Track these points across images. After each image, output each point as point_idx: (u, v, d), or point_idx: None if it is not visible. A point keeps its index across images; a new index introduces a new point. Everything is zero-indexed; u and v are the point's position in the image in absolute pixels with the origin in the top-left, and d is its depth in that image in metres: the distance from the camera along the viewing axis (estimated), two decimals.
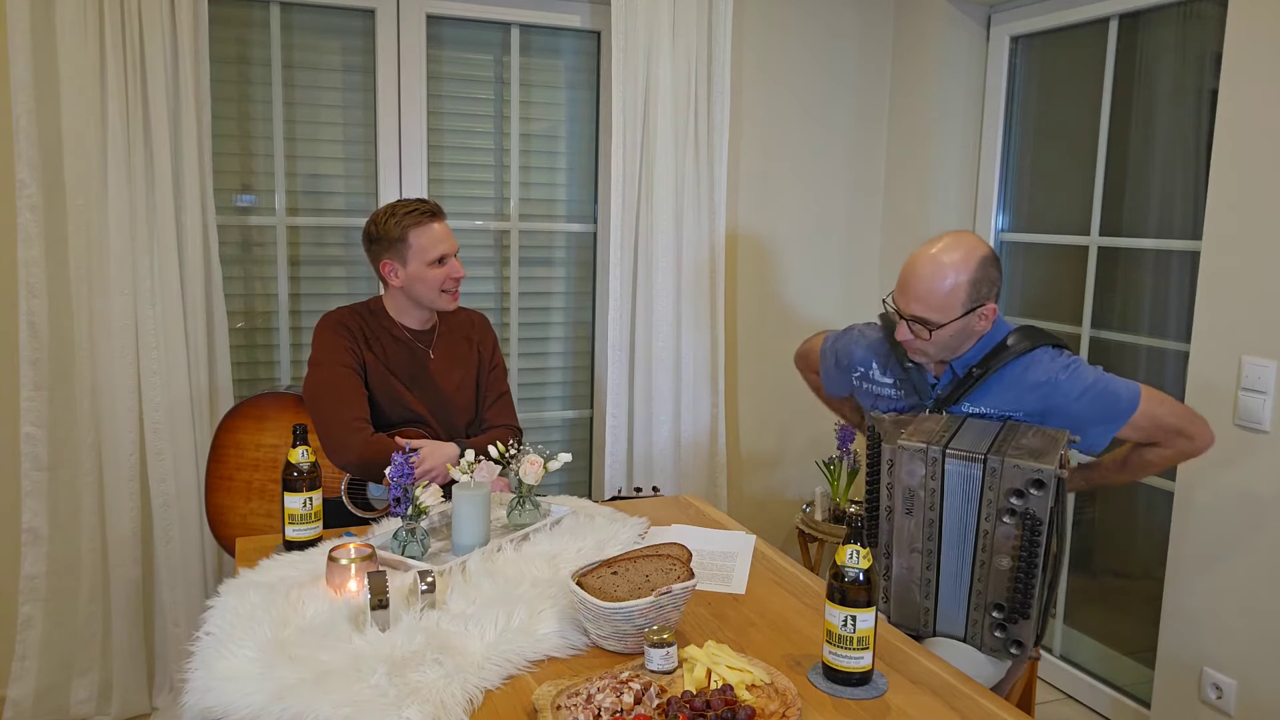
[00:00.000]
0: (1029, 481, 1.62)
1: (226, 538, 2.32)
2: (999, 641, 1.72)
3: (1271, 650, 2.25)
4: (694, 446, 3.12)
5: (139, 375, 2.54)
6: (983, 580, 1.70)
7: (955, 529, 1.70)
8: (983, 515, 1.67)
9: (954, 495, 1.69)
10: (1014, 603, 1.68)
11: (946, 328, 1.81)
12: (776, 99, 3.27)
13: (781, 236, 3.35)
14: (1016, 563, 1.66)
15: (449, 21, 2.98)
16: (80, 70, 2.40)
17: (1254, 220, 2.24)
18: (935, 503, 1.70)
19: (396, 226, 2.15)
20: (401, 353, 2.24)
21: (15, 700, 2.54)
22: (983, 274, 1.81)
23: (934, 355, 1.88)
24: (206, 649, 1.40)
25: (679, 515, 2.14)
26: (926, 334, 1.82)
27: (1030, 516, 1.63)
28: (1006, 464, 1.63)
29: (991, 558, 1.68)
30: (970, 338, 1.88)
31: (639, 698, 1.27)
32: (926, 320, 1.81)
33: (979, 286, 1.81)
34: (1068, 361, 1.86)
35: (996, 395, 1.87)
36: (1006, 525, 1.65)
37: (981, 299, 1.82)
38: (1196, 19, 2.58)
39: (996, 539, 1.67)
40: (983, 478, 1.65)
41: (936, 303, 1.79)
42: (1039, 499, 1.62)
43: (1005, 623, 1.70)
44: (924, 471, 1.70)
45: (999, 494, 1.65)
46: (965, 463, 1.66)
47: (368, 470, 2.08)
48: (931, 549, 1.73)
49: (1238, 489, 2.30)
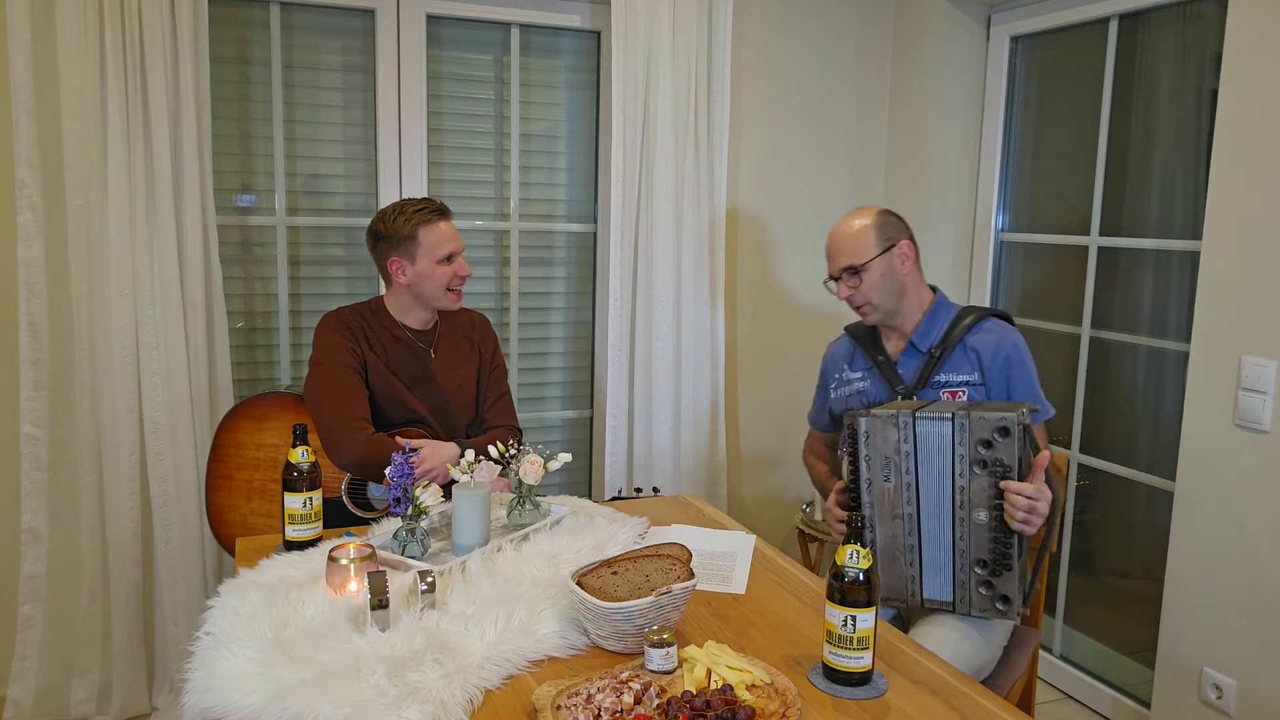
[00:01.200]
0: (995, 430, 1.71)
1: (227, 537, 2.32)
2: (986, 600, 1.77)
3: (1271, 650, 2.25)
4: (694, 446, 3.12)
5: (139, 375, 2.54)
6: (964, 538, 1.76)
7: (932, 489, 1.78)
8: (956, 471, 1.75)
9: (928, 455, 1.78)
10: (996, 554, 1.75)
11: (871, 268, 2.02)
12: (776, 99, 3.27)
13: (782, 236, 3.35)
14: (993, 515, 1.73)
15: (449, 21, 2.98)
16: (80, 70, 2.40)
17: (1254, 220, 2.24)
18: (910, 466, 1.79)
19: (406, 224, 2.15)
20: (403, 352, 2.24)
21: (15, 700, 2.55)
22: (885, 219, 2.06)
23: (878, 305, 2.05)
24: (206, 649, 1.40)
25: (679, 515, 2.14)
26: (857, 280, 2.03)
27: (1000, 464, 1.72)
28: (973, 416, 1.73)
29: (970, 514, 1.75)
30: (903, 289, 2.05)
31: (639, 698, 1.27)
32: (852, 265, 2.03)
33: (884, 229, 2.04)
34: (1015, 336, 2.01)
35: (962, 363, 2.00)
36: (980, 477, 1.73)
37: (891, 238, 2.04)
38: (1196, 19, 2.58)
39: (972, 493, 1.75)
40: (952, 434, 1.74)
41: (852, 247, 2.03)
42: (1006, 445, 1.71)
43: (990, 578, 1.75)
44: (897, 436, 1.79)
45: (969, 448, 1.74)
46: (935, 421, 1.76)
47: (368, 470, 2.08)
48: (911, 513, 1.80)
49: (1238, 489, 2.30)
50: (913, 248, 2.06)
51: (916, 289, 2.07)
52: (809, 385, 3.44)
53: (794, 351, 3.42)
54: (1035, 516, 1.69)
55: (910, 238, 2.07)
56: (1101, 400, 2.90)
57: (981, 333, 2.01)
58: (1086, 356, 2.91)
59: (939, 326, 2.05)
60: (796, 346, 3.42)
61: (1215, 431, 2.35)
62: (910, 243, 2.06)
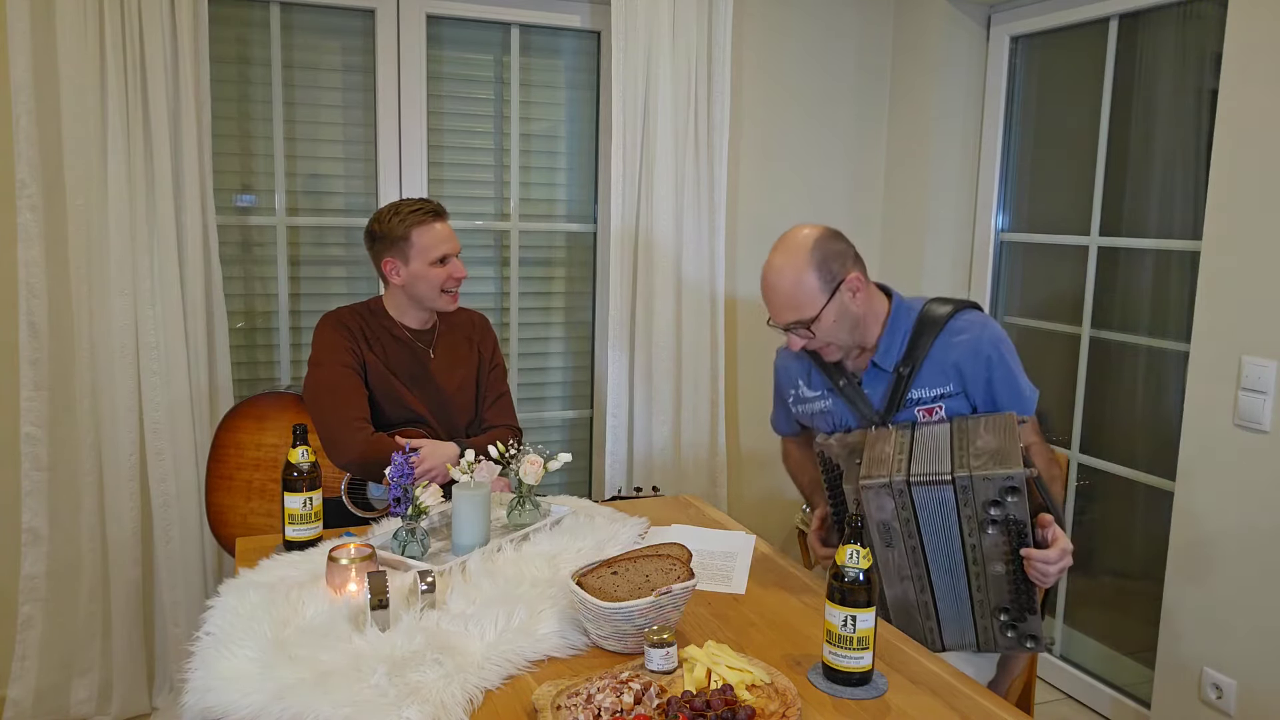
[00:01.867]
0: (1002, 490, 1.59)
1: (227, 537, 2.32)
2: (1012, 641, 1.71)
3: (1271, 650, 2.25)
4: (694, 446, 3.12)
5: (139, 375, 2.54)
6: (981, 590, 1.68)
7: (940, 550, 1.68)
8: (965, 531, 1.65)
9: (930, 520, 1.65)
10: (1018, 603, 1.68)
11: (821, 318, 1.80)
12: (776, 99, 3.27)
13: None
14: (1010, 565, 1.65)
15: (449, 21, 2.98)
16: (80, 70, 2.40)
17: (1254, 220, 2.24)
18: (913, 531, 1.67)
19: (400, 225, 2.15)
20: (402, 352, 2.24)
21: (15, 700, 2.54)
22: (821, 255, 1.80)
23: (841, 344, 1.86)
24: (206, 649, 1.40)
25: (679, 515, 2.14)
26: (810, 333, 1.82)
27: (1013, 521, 1.61)
28: (975, 478, 1.59)
29: (985, 567, 1.66)
30: (860, 319, 1.85)
31: (639, 698, 1.27)
32: (800, 320, 1.81)
33: (826, 266, 1.80)
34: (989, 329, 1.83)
35: (935, 377, 1.83)
36: (991, 535, 1.64)
37: (835, 276, 1.80)
38: (1196, 19, 2.58)
39: (985, 549, 1.65)
40: (955, 497, 1.62)
41: (796, 302, 1.80)
42: (1017, 504, 1.60)
43: (1014, 623, 1.69)
44: (893, 504, 1.66)
45: (976, 509, 1.62)
46: (932, 488, 1.63)
47: (368, 470, 2.08)
48: (920, 574, 1.70)
49: (1238, 489, 2.30)
50: (860, 276, 1.84)
51: (873, 310, 1.88)
52: None
53: None
54: (1065, 569, 1.65)
55: (854, 261, 1.85)
56: (1101, 400, 2.90)
57: (953, 336, 1.83)
58: (1086, 356, 2.91)
59: (900, 338, 1.87)
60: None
61: (1215, 431, 2.35)
62: (856, 272, 1.84)
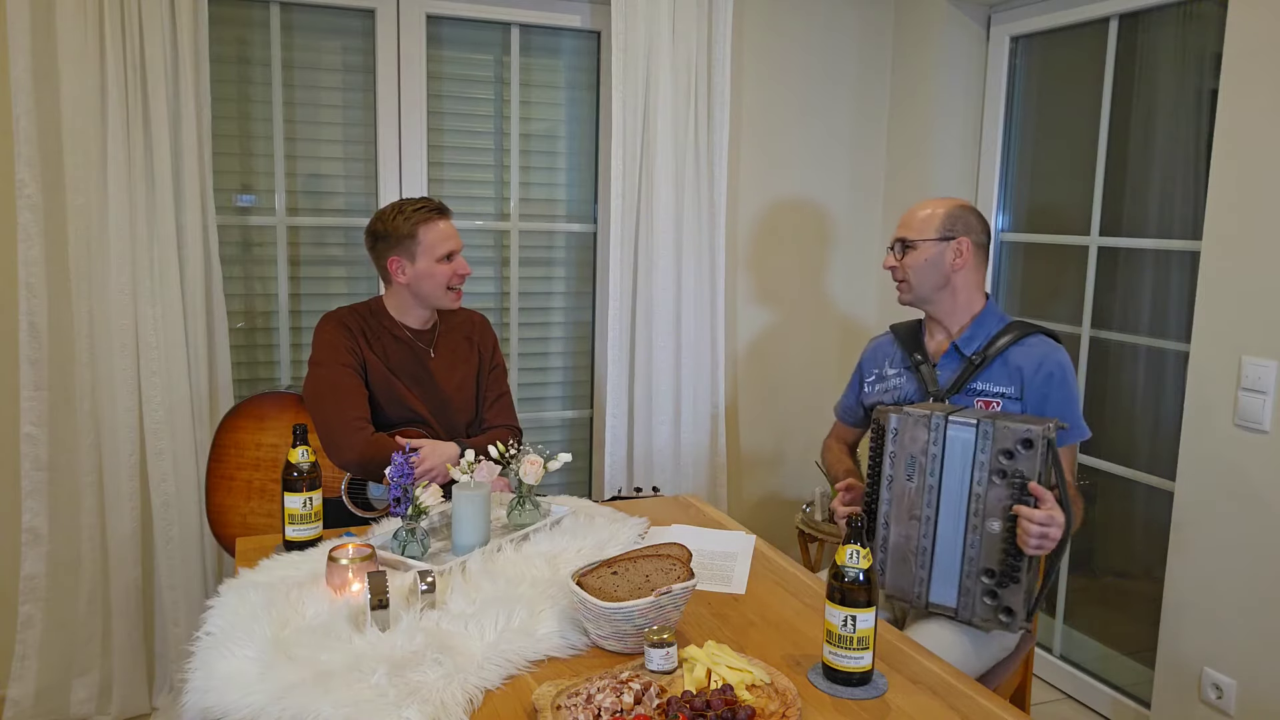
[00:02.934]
0: (1019, 441, 1.70)
1: (227, 537, 2.32)
2: (989, 610, 1.76)
3: (1271, 650, 2.25)
4: (694, 446, 3.12)
5: (139, 375, 2.54)
6: (974, 546, 1.76)
7: (953, 494, 1.78)
8: (974, 479, 1.75)
9: (953, 460, 1.77)
10: (1005, 566, 1.74)
11: (920, 248, 2.02)
12: (776, 99, 3.27)
13: (781, 236, 3.35)
14: (1005, 526, 1.72)
15: (449, 21, 2.98)
16: (80, 71, 2.39)
17: (1254, 220, 2.24)
18: (936, 469, 1.79)
19: (406, 223, 2.16)
20: (402, 352, 2.24)
21: (15, 700, 2.54)
22: (959, 213, 2.03)
23: (914, 286, 2.05)
24: (206, 649, 1.40)
25: (679, 515, 2.14)
26: (902, 253, 2.04)
27: (1019, 475, 1.71)
28: (998, 425, 1.73)
29: (983, 522, 1.74)
30: (948, 283, 2.03)
31: (639, 698, 1.27)
32: (905, 238, 2.04)
33: (953, 220, 2.02)
34: (1061, 355, 1.97)
35: (1001, 376, 1.98)
36: (997, 486, 1.73)
37: (955, 231, 2.01)
38: (1196, 19, 2.58)
39: (989, 502, 1.74)
40: (976, 440, 1.74)
41: (914, 223, 2.04)
42: (1027, 458, 1.69)
43: (995, 589, 1.75)
44: (927, 437, 1.79)
45: (991, 455, 1.73)
46: (964, 427, 1.76)
47: (368, 470, 2.09)
48: (930, 515, 1.80)
49: (1238, 489, 2.30)
50: (972, 249, 2.01)
51: (966, 290, 2.04)
52: (809, 385, 3.45)
53: (794, 351, 3.42)
54: (1047, 542, 1.68)
55: (979, 241, 2.03)
56: (1101, 400, 2.90)
57: (1026, 347, 1.97)
58: (1087, 356, 2.91)
59: (984, 333, 2.01)
60: (797, 346, 3.42)
61: (1215, 431, 2.35)
62: (972, 245, 2.01)
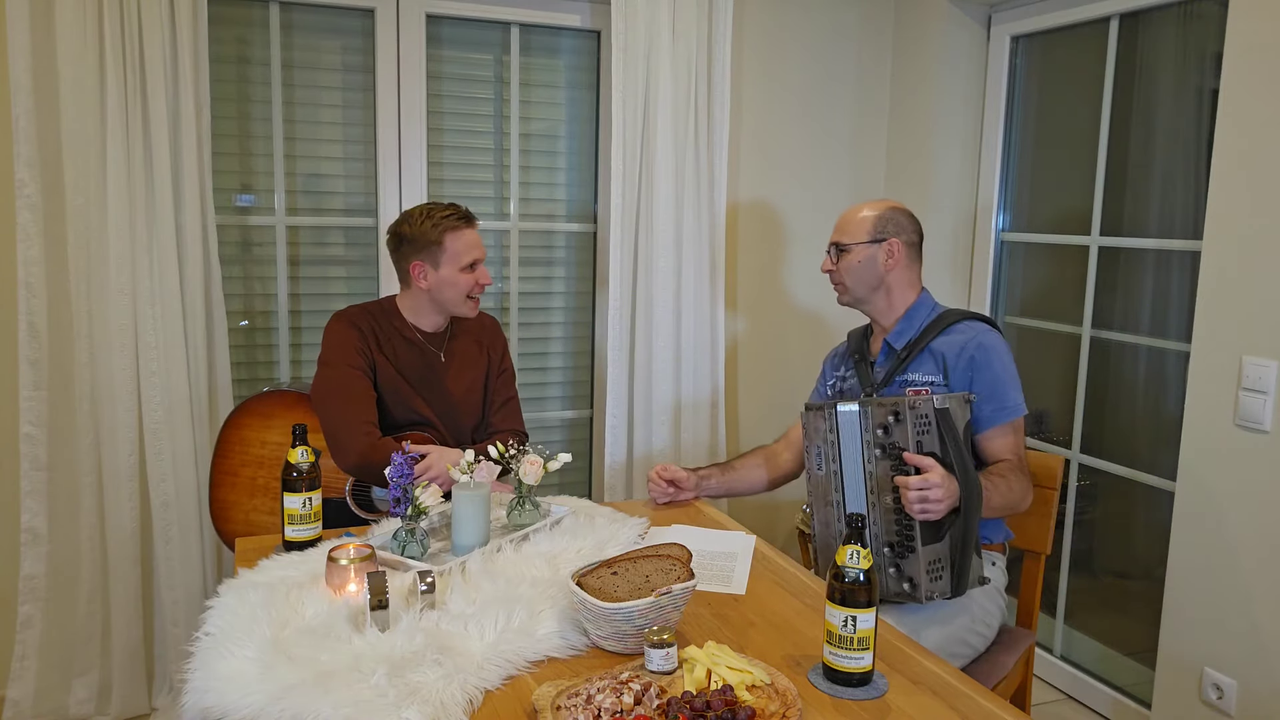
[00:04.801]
0: (890, 413, 1.78)
1: (229, 533, 2.32)
2: (895, 581, 1.79)
3: (1271, 650, 2.25)
4: (694, 447, 3.12)
5: (139, 375, 2.54)
6: (876, 522, 1.81)
7: (853, 474, 1.84)
8: (865, 457, 1.82)
9: (848, 443, 1.84)
10: (900, 538, 1.78)
11: (853, 250, 2.07)
12: (776, 99, 3.27)
13: (782, 236, 3.34)
14: (894, 497, 1.77)
15: (449, 21, 2.98)
16: (80, 70, 2.39)
17: (1255, 220, 2.24)
18: (835, 454, 1.87)
19: (434, 229, 2.15)
20: (412, 355, 2.23)
21: (15, 700, 2.54)
22: (889, 214, 2.09)
23: (850, 287, 2.10)
24: (206, 649, 1.40)
25: (679, 515, 2.14)
26: (837, 257, 2.10)
27: (895, 447, 1.77)
28: (874, 401, 1.81)
29: (879, 498, 1.80)
30: (882, 283, 2.08)
31: (639, 698, 1.27)
32: (839, 242, 2.10)
33: (884, 222, 2.08)
34: (986, 337, 2.00)
35: (928, 364, 2.03)
36: (883, 461, 1.79)
37: (886, 233, 2.07)
38: (1197, 19, 2.58)
39: (878, 477, 1.80)
40: (859, 419, 1.82)
41: (847, 227, 2.10)
42: (899, 429, 1.77)
43: (897, 560, 1.79)
44: (825, 425, 1.87)
45: (871, 432, 1.80)
46: (847, 408, 1.84)
47: (370, 473, 2.08)
48: (838, 499, 1.87)
49: (1238, 489, 2.30)
50: (903, 249, 2.07)
51: (900, 288, 2.09)
52: (810, 385, 3.44)
53: (794, 351, 3.42)
54: (931, 504, 1.70)
55: (910, 240, 2.09)
56: (1102, 400, 2.90)
57: (951, 334, 2.02)
58: (1087, 356, 2.91)
59: (914, 327, 2.07)
60: (797, 346, 3.42)
61: (1216, 432, 2.35)
62: (903, 245, 2.07)
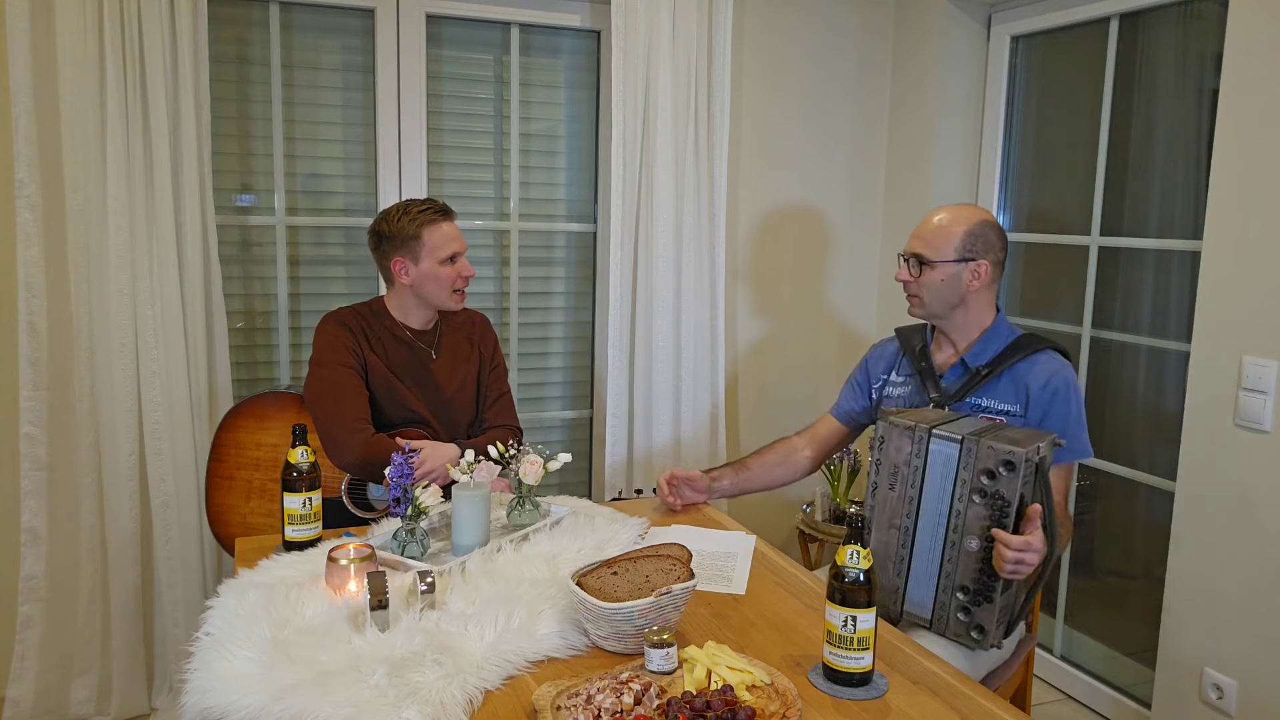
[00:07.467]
0: (1000, 462, 1.67)
1: (227, 537, 2.32)
2: (962, 625, 1.75)
3: (1271, 650, 2.25)
4: (694, 447, 3.12)
5: (138, 375, 2.54)
6: (952, 561, 1.74)
7: (932, 507, 1.76)
8: (956, 495, 1.73)
9: (934, 474, 1.75)
10: (979, 585, 1.72)
11: (937, 269, 1.96)
12: (776, 99, 3.27)
13: (781, 236, 3.34)
14: (984, 545, 1.71)
15: (449, 21, 2.98)
16: (80, 70, 2.39)
17: (1255, 220, 2.24)
18: (917, 480, 1.77)
19: (411, 224, 2.16)
20: (403, 353, 2.24)
21: (15, 700, 2.54)
22: (980, 231, 1.97)
23: (927, 303, 2.00)
24: (206, 649, 1.40)
25: (679, 515, 2.14)
26: (918, 270, 1.98)
27: (999, 497, 1.67)
28: (982, 444, 1.69)
29: (961, 538, 1.73)
30: (962, 303, 1.99)
31: (639, 698, 1.27)
32: (921, 255, 1.98)
33: (974, 239, 1.96)
34: (1068, 372, 1.94)
35: (1008, 392, 1.94)
36: (977, 506, 1.70)
37: (975, 253, 1.96)
38: (1197, 19, 2.58)
39: (968, 520, 1.72)
40: (959, 457, 1.72)
41: (933, 240, 1.97)
42: (1008, 480, 1.66)
43: (969, 605, 1.74)
44: (910, 449, 1.77)
45: (973, 474, 1.70)
46: (947, 442, 1.74)
47: (368, 471, 2.08)
48: (908, 526, 1.79)
49: (1238, 489, 2.30)
50: (989, 269, 1.97)
51: (978, 308, 2.01)
52: (809, 385, 3.45)
53: (794, 351, 3.42)
54: (1023, 567, 1.65)
55: (997, 259, 1.99)
56: (1102, 400, 2.90)
57: (1034, 364, 1.94)
58: (1087, 356, 2.91)
59: (993, 348, 1.99)
60: (796, 346, 3.42)
61: (1216, 431, 2.35)
62: (991, 265, 1.98)
